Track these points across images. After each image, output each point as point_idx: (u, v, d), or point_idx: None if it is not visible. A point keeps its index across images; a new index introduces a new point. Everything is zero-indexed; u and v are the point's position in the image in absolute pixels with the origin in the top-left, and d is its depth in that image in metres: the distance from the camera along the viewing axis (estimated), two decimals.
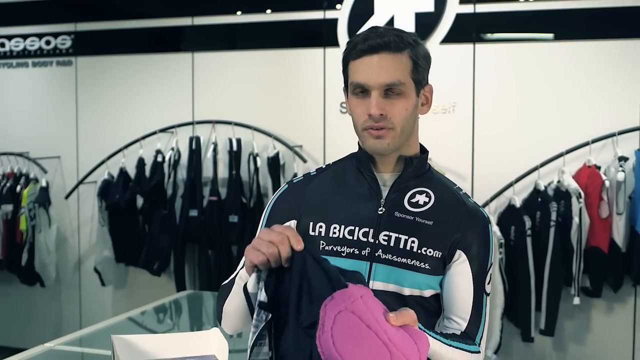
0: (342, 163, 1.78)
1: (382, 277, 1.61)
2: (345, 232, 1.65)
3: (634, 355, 4.56)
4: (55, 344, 3.06)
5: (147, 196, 5.38)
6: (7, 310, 6.15)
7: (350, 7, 4.97)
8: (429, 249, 1.61)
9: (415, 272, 1.61)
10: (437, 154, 4.72)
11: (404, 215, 1.64)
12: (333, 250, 1.65)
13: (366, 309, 1.35)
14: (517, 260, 4.43)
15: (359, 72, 1.60)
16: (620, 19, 4.48)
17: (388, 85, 1.58)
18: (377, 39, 1.58)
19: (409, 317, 1.38)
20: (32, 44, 5.95)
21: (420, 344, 1.37)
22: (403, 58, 1.60)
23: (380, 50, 1.57)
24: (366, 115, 1.59)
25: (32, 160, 5.88)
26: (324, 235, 1.66)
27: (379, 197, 1.67)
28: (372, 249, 1.63)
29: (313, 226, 1.68)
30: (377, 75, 1.57)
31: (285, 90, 5.22)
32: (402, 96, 1.60)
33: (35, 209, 5.64)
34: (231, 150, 5.19)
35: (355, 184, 1.70)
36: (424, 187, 1.68)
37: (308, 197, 1.72)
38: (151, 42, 5.63)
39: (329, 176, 1.76)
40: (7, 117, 6.08)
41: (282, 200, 1.77)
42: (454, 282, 1.64)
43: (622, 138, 4.44)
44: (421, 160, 1.71)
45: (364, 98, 1.60)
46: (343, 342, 1.33)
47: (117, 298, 5.82)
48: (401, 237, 1.62)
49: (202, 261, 5.30)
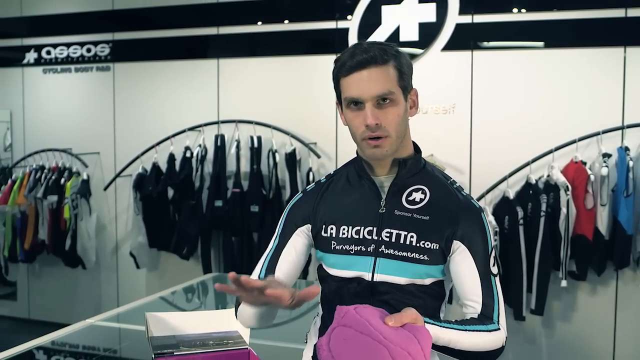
0: (345, 170, 1.79)
1: (385, 269, 1.62)
2: (353, 232, 1.65)
3: (615, 332, 4.55)
4: (96, 320, 3.08)
5: (177, 188, 5.40)
6: (53, 290, 6.20)
7: (360, 18, 4.97)
8: (427, 242, 1.61)
9: (416, 264, 1.61)
10: (439, 150, 4.73)
11: (402, 212, 1.64)
12: (343, 249, 1.66)
13: (358, 318, 1.36)
14: (510, 246, 4.43)
15: (352, 87, 1.59)
16: (604, 28, 4.45)
17: (379, 96, 1.57)
18: (363, 54, 1.57)
19: (407, 316, 1.40)
20: (74, 51, 5.98)
21: (421, 338, 1.36)
22: (389, 69, 1.58)
23: (367, 65, 1.56)
24: (363, 126, 1.59)
25: (74, 156, 5.92)
26: (334, 236, 1.68)
27: (379, 199, 1.67)
28: (376, 245, 1.63)
29: (325, 228, 1.70)
30: (368, 88, 1.56)
31: (301, 93, 5.22)
32: (393, 104, 1.59)
33: (77, 199, 5.68)
34: (252, 147, 5.19)
35: (358, 188, 1.71)
36: (420, 184, 1.68)
37: (320, 203, 1.74)
38: (181, 49, 5.63)
39: (336, 183, 1.77)
40: (52, 117, 6.11)
41: (297, 206, 1.79)
42: (459, 270, 1.63)
43: (605, 137, 4.42)
44: (415, 160, 1.70)
45: (359, 110, 1.59)
46: (341, 353, 1.34)
47: (150, 279, 5.85)
48: (401, 233, 1.62)
49: (226, 246, 5.32)
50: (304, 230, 1.75)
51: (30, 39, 6.14)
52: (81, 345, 2.89)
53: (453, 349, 1.52)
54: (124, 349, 2.95)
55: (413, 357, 1.32)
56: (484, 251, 1.64)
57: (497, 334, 1.58)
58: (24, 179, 5.89)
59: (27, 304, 6.33)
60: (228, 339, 1.73)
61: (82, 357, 2.79)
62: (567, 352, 4.66)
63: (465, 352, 1.53)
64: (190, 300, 3.91)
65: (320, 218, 1.72)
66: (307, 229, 1.74)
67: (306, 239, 1.76)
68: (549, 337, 4.72)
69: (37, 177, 5.85)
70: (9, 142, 6.31)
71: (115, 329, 3.10)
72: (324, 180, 1.80)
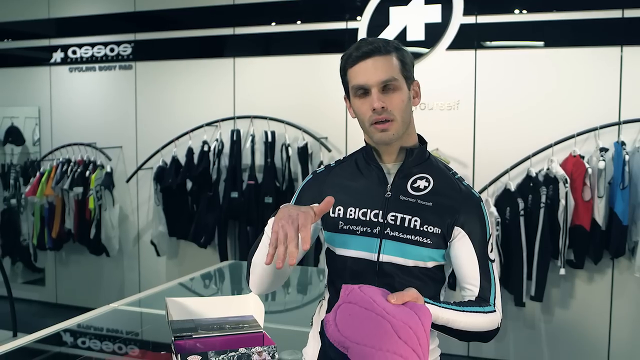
0: (354, 156, 1.79)
1: (390, 251, 1.62)
2: (359, 214, 1.66)
3: (611, 317, 4.53)
4: (119, 305, 3.09)
5: (195, 180, 5.40)
6: (79, 276, 6.23)
7: (369, 19, 4.95)
8: (430, 226, 1.61)
9: (419, 247, 1.61)
10: (444, 144, 4.72)
11: (407, 198, 1.65)
12: (349, 229, 1.66)
13: (363, 295, 1.39)
14: (511, 236, 4.41)
15: (358, 75, 1.61)
16: (601, 29, 4.42)
17: (384, 82, 1.59)
18: (367, 46, 1.61)
19: (409, 295, 1.43)
20: (98, 51, 5.98)
21: (422, 314, 1.38)
22: (392, 59, 1.61)
23: (372, 54, 1.59)
24: (370, 111, 1.61)
25: (98, 150, 5.93)
26: (342, 217, 1.68)
27: (386, 184, 1.67)
28: (381, 227, 1.63)
29: (333, 209, 1.69)
30: (373, 75, 1.59)
31: (313, 90, 5.20)
32: (397, 90, 1.61)
33: (101, 191, 5.69)
34: (266, 141, 5.19)
35: (366, 173, 1.72)
36: (424, 173, 1.69)
37: (329, 185, 1.74)
38: (199, 49, 5.63)
39: (345, 167, 1.77)
40: (78, 113, 6.12)
41: (308, 187, 1.80)
42: (459, 255, 1.64)
43: (602, 132, 4.40)
44: (421, 150, 1.71)
45: (366, 97, 1.62)
46: (346, 327, 1.36)
47: (170, 266, 5.86)
48: (406, 217, 1.62)
49: (241, 236, 5.32)
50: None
51: (57, 39, 6.15)
52: (105, 328, 2.90)
53: (451, 329, 1.54)
54: (145, 332, 2.96)
55: (414, 331, 1.33)
56: (482, 238, 1.65)
57: (492, 315, 1.60)
58: (52, 171, 5.91)
59: (54, 289, 6.37)
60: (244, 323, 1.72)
61: (106, 339, 2.80)
62: (565, 337, 4.64)
63: (463, 331, 1.56)
64: (207, 287, 3.91)
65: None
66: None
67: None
68: (547, 322, 4.70)
69: (63, 170, 5.87)
70: (37, 137, 6.33)
71: (137, 313, 3.11)
72: (333, 165, 1.81)
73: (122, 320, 3.00)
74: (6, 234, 6.43)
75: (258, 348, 1.58)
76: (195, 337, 1.60)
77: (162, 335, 2.47)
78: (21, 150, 6.52)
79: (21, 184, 6.37)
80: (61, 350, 2.62)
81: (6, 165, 6.53)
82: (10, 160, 6.53)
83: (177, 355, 1.52)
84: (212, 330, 1.64)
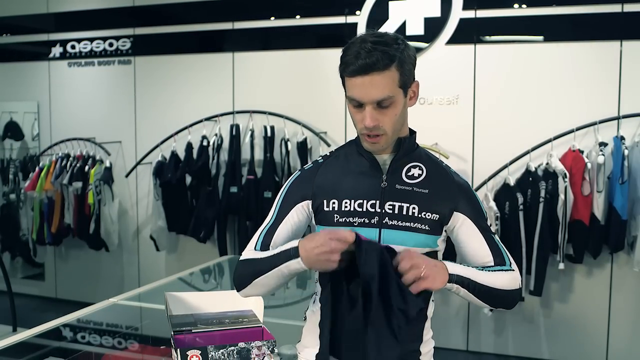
0: (343, 149, 1.79)
1: (390, 240, 1.62)
2: (355, 205, 1.66)
3: (610, 311, 4.53)
4: (118, 299, 3.10)
5: (195, 175, 5.40)
6: (78, 271, 6.23)
7: (368, 13, 4.94)
8: (427, 212, 1.64)
9: (417, 233, 1.64)
10: (443, 139, 4.72)
11: (403, 187, 1.67)
12: (346, 222, 1.66)
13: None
14: (511, 230, 4.41)
15: (355, 89, 1.59)
16: (601, 23, 4.42)
17: (379, 100, 1.58)
18: (366, 59, 1.55)
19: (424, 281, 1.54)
20: (97, 46, 5.97)
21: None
22: (390, 73, 1.57)
23: (370, 71, 1.55)
24: (363, 123, 1.61)
25: (98, 145, 5.93)
26: (337, 210, 1.68)
27: (380, 174, 1.68)
28: (379, 217, 1.64)
29: (327, 203, 1.69)
30: (369, 93, 1.57)
31: (312, 85, 5.20)
32: (392, 105, 1.60)
33: (100, 186, 5.69)
34: (266, 136, 5.18)
35: (359, 164, 1.72)
36: (416, 161, 1.71)
37: (319, 180, 1.73)
38: (198, 43, 5.62)
39: (335, 161, 1.77)
40: (77, 108, 6.12)
41: (296, 184, 1.78)
42: (465, 239, 1.70)
43: (602, 126, 4.39)
44: (410, 140, 1.72)
45: (360, 109, 1.61)
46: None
47: (169, 261, 5.87)
48: (403, 205, 1.64)
49: (241, 230, 5.32)
50: (303, 205, 1.73)
51: (56, 34, 6.14)
52: (105, 323, 2.91)
53: (476, 285, 1.60)
54: (145, 326, 2.97)
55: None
56: (482, 218, 1.72)
57: (513, 273, 1.68)
58: (51, 166, 5.91)
59: (54, 284, 6.37)
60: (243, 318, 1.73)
61: (105, 334, 2.81)
62: (564, 331, 4.65)
63: (487, 289, 1.62)
64: (207, 281, 3.92)
65: (320, 194, 1.71)
66: (307, 205, 1.73)
67: (304, 216, 1.74)
68: (546, 316, 4.71)
69: (62, 165, 5.87)
70: (37, 131, 6.33)
71: (137, 308, 3.12)
72: (321, 160, 1.80)
73: (122, 315, 3.00)
74: (6, 229, 6.44)
75: (257, 342, 1.59)
76: (195, 332, 1.61)
77: (161, 330, 2.47)
78: (20, 145, 6.52)
79: (20, 179, 6.37)
80: (61, 345, 2.62)
81: (5, 160, 6.53)
82: (9, 155, 6.53)
83: (176, 349, 1.52)
84: (212, 325, 1.65)
